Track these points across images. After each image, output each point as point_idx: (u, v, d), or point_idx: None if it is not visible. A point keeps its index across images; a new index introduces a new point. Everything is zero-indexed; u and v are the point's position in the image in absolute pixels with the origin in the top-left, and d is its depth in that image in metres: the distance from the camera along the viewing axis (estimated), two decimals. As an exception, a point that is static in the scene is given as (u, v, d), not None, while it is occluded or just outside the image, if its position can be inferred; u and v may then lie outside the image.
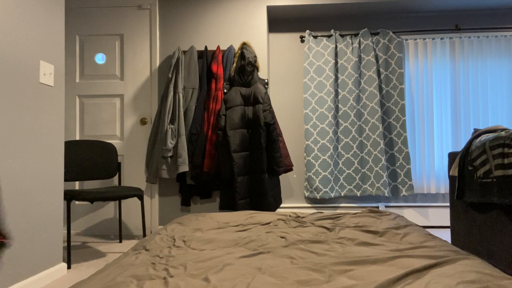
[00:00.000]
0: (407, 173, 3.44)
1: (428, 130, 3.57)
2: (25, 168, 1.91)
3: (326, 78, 3.53)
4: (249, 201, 2.98)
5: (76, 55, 3.43)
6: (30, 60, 1.97)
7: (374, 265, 1.08)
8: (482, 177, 1.76)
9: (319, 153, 3.49)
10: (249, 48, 3.15)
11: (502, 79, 3.53)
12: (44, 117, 2.08)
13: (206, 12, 3.43)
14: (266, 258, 1.18)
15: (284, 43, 3.74)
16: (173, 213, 3.40)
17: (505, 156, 1.59)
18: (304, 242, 1.38)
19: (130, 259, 1.24)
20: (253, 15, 3.40)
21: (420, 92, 3.60)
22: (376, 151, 3.44)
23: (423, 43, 3.61)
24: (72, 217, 3.38)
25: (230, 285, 0.93)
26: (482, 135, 1.88)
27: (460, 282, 0.89)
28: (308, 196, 3.49)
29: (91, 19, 3.42)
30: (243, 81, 3.08)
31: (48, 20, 2.13)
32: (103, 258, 2.59)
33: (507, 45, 3.54)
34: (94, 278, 1.04)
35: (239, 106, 3.03)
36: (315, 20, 3.73)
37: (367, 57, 3.51)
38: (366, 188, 3.48)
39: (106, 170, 2.94)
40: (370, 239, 1.41)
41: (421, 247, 1.25)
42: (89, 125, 3.40)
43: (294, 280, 0.97)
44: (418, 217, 3.50)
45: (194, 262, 1.15)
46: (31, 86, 1.98)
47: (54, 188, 2.15)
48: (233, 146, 2.95)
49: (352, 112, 3.53)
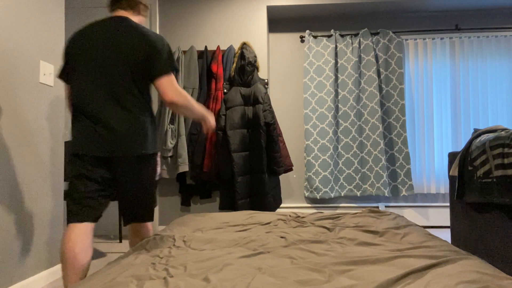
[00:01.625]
0: (407, 173, 3.44)
1: (428, 130, 3.57)
2: (25, 168, 1.91)
3: (326, 78, 3.53)
4: (249, 201, 2.98)
5: (76, 55, 3.42)
6: (30, 60, 1.97)
7: (374, 265, 1.08)
8: (482, 177, 1.76)
9: (319, 153, 3.49)
10: (249, 48, 3.15)
11: (502, 79, 3.53)
12: (44, 117, 2.08)
13: (206, 12, 3.43)
14: (266, 258, 1.18)
15: (284, 43, 3.74)
16: (173, 213, 3.40)
17: (505, 156, 1.59)
18: (304, 242, 1.38)
19: (130, 259, 1.24)
20: (253, 15, 3.40)
21: (420, 92, 3.60)
22: (376, 151, 3.44)
23: (423, 43, 3.61)
24: (72, 217, 3.38)
25: (230, 285, 0.93)
26: (482, 135, 1.88)
27: (460, 282, 0.89)
28: (308, 196, 3.49)
29: (91, 19, 3.42)
30: (243, 81, 3.08)
31: (48, 20, 2.13)
32: (103, 258, 2.59)
33: (507, 45, 3.54)
34: (94, 278, 1.04)
35: (239, 106, 3.03)
36: (315, 20, 3.73)
37: (367, 57, 3.51)
38: (366, 188, 3.48)
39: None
40: (370, 239, 1.41)
41: (421, 247, 1.25)
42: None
43: (294, 280, 0.97)
44: (418, 217, 3.50)
45: (194, 262, 1.15)
46: (31, 86, 1.98)
47: (54, 188, 2.15)
48: (233, 146, 2.94)
49: (352, 112, 3.53)
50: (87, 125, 1.48)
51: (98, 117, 1.47)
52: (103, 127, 1.47)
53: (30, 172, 1.95)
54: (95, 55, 1.50)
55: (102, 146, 1.47)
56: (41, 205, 2.04)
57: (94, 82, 1.49)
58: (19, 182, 1.87)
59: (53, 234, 2.14)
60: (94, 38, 1.52)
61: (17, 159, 1.86)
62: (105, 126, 1.47)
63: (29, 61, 1.97)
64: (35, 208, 1.98)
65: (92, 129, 1.48)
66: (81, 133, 1.48)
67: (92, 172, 1.49)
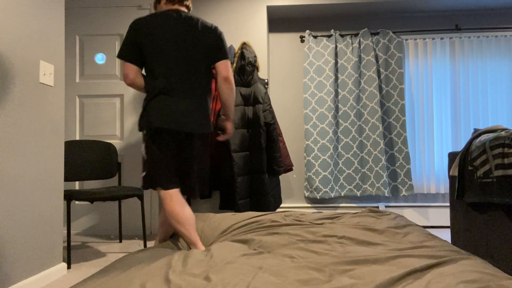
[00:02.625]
0: (407, 173, 3.44)
1: (428, 130, 3.57)
2: (25, 168, 1.91)
3: (326, 78, 3.53)
4: (249, 201, 2.98)
5: (76, 55, 3.43)
6: (30, 60, 1.97)
7: (374, 264, 1.08)
8: (482, 177, 1.76)
9: (319, 153, 3.49)
10: (249, 48, 3.15)
11: (502, 79, 3.53)
12: (44, 117, 2.08)
13: (206, 12, 3.43)
14: (266, 258, 1.18)
15: (284, 43, 3.74)
16: (173, 213, 3.40)
17: (505, 156, 1.59)
18: (304, 241, 1.38)
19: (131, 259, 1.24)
20: (253, 15, 3.40)
21: (420, 92, 3.60)
22: (376, 151, 3.44)
23: (423, 43, 3.61)
24: (72, 217, 3.38)
25: (231, 284, 0.93)
26: (482, 135, 1.88)
27: (460, 282, 0.89)
28: (308, 196, 3.49)
29: (91, 19, 3.42)
30: (243, 81, 3.08)
31: (48, 20, 2.13)
32: (103, 258, 2.59)
33: (507, 45, 3.55)
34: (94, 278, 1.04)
35: (239, 106, 3.03)
36: (315, 20, 3.73)
37: (367, 57, 3.51)
38: (366, 188, 3.48)
39: (106, 170, 2.94)
40: (370, 238, 1.42)
41: (421, 247, 1.25)
42: (89, 125, 3.40)
43: (294, 279, 0.97)
44: (418, 217, 3.50)
45: (195, 261, 1.15)
46: (31, 86, 1.98)
47: (54, 188, 2.15)
48: (233, 146, 2.94)
49: (352, 112, 3.53)
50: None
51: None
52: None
53: (30, 172, 1.95)
54: (178, 46, 1.75)
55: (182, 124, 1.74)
56: (41, 205, 2.04)
57: (179, 68, 1.75)
58: (19, 182, 1.87)
59: (53, 234, 2.14)
60: (174, 29, 1.76)
61: (17, 159, 1.86)
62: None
63: (29, 61, 1.97)
64: (35, 208, 1.98)
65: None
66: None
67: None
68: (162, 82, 1.72)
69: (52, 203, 2.14)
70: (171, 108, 1.69)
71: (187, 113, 1.71)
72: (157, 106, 1.70)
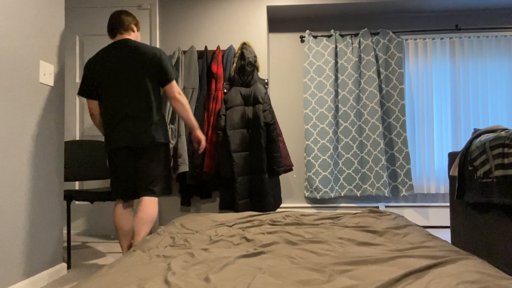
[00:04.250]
0: (407, 173, 3.44)
1: (428, 130, 3.57)
2: (25, 168, 1.91)
3: (326, 78, 3.53)
4: (249, 201, 2.98)
5: (76, 55, 3.42)
6: (30, 60, 1.97)
7: (374, 265, 1.08)
8: (482, 177, 1.76)
9: (319, 153, 3.49)
10: (249, 48, 3.15)
11: (502, 79, 3.53)
12: (44, 117, 2.08)
13: (206, 12, 3.43)
14: (266, 258, 1.18)
15: (284, 43, 3.74)
16: (173, 213, 3.40)
17: (505, 156, 1.59)
18: (304, 242, 1.38)
19: (130, 259, 1.24)
20: (253, 15, 3.40)
21: (420, 92, 3.60)
22: (376, 151, 3.44)
23: (423, 43, 3.61)
24: (72, 217, 3.38)
25: (231, 285, 0.93)
26: (482, 135, 1.88)
27: (460, 282, 0.89)
28: (308, 196, 3.49)
29: (91, 19, 3.42)
30: (243, 81, 3.08)
31: (48, 20, 2.13)
32: (103, 258, 2.59)
33: (507, 45, 3.55)
34: (94, 278, 1.04)
35: (239, 106, 3.03)
36: (315, 20, 3.73)
37: (367, 57, 3.51)
38: (366, 188, 3.48)
39: (106, 170, 2.94)
40: (370, 239, 1.42)
41: (421, 247, 1.25)
42: (89, 125, 3.40)
43: (294, 280, 0.97)
44: (418, 217, 3.50)
45: (195, 262, 1.15)
46: (31, 86, 1.98)
47: (54, 188, 2.15)
48: (233, 146, 2.94)
49: (352, 112, 3.53)
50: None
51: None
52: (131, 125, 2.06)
53: (30, 172, 1.95)
54: (119, 76, 2.02)
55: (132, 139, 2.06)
56: (41, 205, 2.04)
57: (124, 96, 2.03)
58: (19, 182, 1.87)
59: (53, 234, 2.14)
60: (114, 61, 2.03)
61: (17, 159, 1.86)
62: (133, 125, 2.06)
63: (29, 61, 1.97)
64: (35, 208, 1.98)
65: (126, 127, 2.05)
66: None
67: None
68: (106, 111, 2.05)
69: (52, 203, 2.14)
70: (113, 130, 2.03)
71: (125, 131, 2.02)
72: (106, 132, 2.07)
